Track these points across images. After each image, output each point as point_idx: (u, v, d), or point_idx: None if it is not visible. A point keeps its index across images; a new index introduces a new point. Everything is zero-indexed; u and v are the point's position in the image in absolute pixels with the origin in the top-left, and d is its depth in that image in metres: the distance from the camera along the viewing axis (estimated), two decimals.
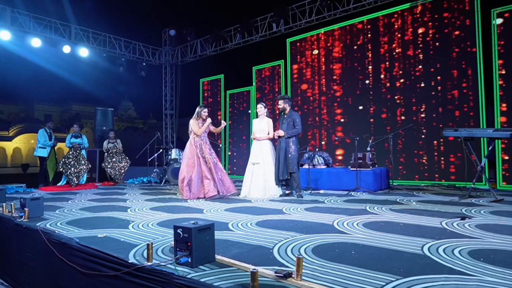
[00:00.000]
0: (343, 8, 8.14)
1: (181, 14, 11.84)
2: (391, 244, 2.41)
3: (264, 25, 9.56)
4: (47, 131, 7.98)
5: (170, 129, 12.30)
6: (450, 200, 4.63)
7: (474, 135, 4.86)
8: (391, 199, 4.83)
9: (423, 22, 7.16)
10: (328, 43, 8.57)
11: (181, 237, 1.97)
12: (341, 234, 2.76)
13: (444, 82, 6.88)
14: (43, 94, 40.07)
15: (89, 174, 8.49)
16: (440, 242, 2.44)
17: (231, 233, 2.85)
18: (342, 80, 8.31)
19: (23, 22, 8.68)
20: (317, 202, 4.69)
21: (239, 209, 4.17)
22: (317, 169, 6.65)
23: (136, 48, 11.29)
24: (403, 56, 7.40)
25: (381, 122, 7.65)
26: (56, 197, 5.66)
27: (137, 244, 2.52)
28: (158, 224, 3.28)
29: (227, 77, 11.03)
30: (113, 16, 10.87)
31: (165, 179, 8.32)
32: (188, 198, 5.20)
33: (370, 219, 3.37)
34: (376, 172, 6.07)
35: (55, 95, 40.86)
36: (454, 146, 6.63)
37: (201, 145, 5.50)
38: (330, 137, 8.40)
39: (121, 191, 6.54)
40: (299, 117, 5.46)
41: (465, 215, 3.49)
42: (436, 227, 2.94)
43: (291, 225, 3.12)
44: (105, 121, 10.09)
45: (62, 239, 2.70)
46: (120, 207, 4.40)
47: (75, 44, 9.72)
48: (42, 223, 3.27)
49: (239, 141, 10.40)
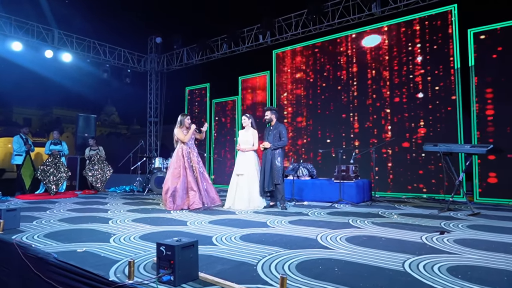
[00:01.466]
0: (328, 23, 8.32)
1: (168, 22, 11.80)
2: (373, 260, 2.45)
3: (250, 36, 9.65)
4: (23, 137, 7.76)
5: (154, 136, 12.16)
6: (429, 213, 4.74)
7: (452, 151, 5.02)
8: (373, 211, 4.91)
9: (405, 40, 7.39)
10: (313, 55, 8.71)
11: (164, 254, 1.94)
12: (325, 249, 2.78)
13: (425, 97, 7.09)
14: (22, 97, 38.92)
15: (69, 182, 8.27)
16: (420, 258, 2.50)
17: (215, 248, 2.82)
18: (327, 92, 8.44)
19: (4, 25, 8.46)
20: (301, 214, 4.72)
21: (223, 221, 4.15)
22: (301, 181, 6.69)
23: (121, 54, 11.18)
24: (386, 70, 7.59)
25: (364, 135, 7.80)
26: (33, 206, 5.48)
27: (118, 259, 2.46)
28: (140, 237, 3.22)
29: (213, 86, 11.04)
30: (98, 22, 10.72)
31: (148, 188, 8.19)
32: (172, 210, 5.14)
33: (352, 233, 3.41)
34: (359, 185, 6.16)
35: (35, 99, 39.77)
36: (434, 160, 6.82)
37: (189, 154, 5.46)
38: (316, 148, 8.49)
39: (102, 201, 6.39)
40: (285, 129, 5.51)
41: (443, 229, 3.58)
42: (416, 242, 3.00)
43: (275, 239, 3.12)
44: (87, 128, 9.88)
45: (39, 253, 2.61)
46: (101, 218, 4.30)
47: (58, 49, 9.53)
48: (18, 236, 3.16)
49: (224, 150, 10.37)
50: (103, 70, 10.75)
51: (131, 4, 10.85)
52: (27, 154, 7.55)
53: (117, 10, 11.09)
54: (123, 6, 11.22)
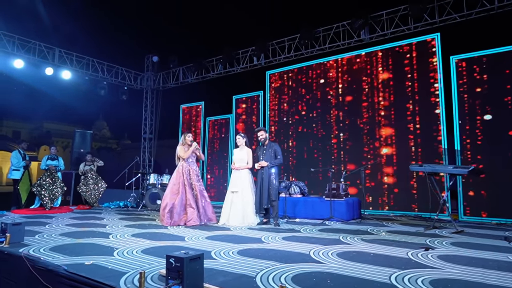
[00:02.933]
0: (319, 47, 8.74)
1: (165, 42, 12.16)
2: (362, 274, 2.66)
3: (245, 58, 10.02)
4: (21, 152, 7.86)
5: (148, 152, 12.28)
6: (416, 230, 4.98)
7: (437, 171, 5.33)
8: (363, 229, 5.13)
9: (391, 64, 7.82)
10: (305, 77, 9.09)
11: (173, 266, 2.13)
12: (317, 263, 2.99)
13: (411, 119, 7.45)
14: (14, 110, 38.52)
15: (64, 197, 8.32)
16: (406, 272, 2.72)
17: (215, 262, 3.00)
18: (318, 112, 8.78)
19: (7, 43, 8.66)
20: (294, 231, 4.91)
21: (220, 237, 4.32)
22: (293, 198, 6.90)
23: (119, 72, 11.41)
24: (374, 93, 7.98)
25: (355, 154, 8.10)
26: (31, 221, 5.55)
27: (125, 271, 2.62)
28: (142, 251, 3.37)
29: (207, 104, 11.32)
30: (97, 41, 11.00)
31: (143, 204, 8.29)
32: (168, 225, 5.27)
33: (343, 249, 3.62)
34: (349, 202, 6.40)
35: (27, 112, 39.39)
36: (420, 179, 7.12)
37: (189, 171, 5.62)
38: (306, 167, 8.74)
39: (98, 216, 6.48)
40: (279, 148, 5.75)
41: (428, 246, 3.82)
42: (402, 258, 3.23)
43: (271, 254, 3.31)
44: (83, 143, 9.99)
45: (49, 266, 2.75)
46: (101, 233, 4.43)
47: (58, 66, 9.73)
48: (25, 249, 3.28)
49: (217, 167, 10.55)
50: (101, 87, 10.94)
51: (130, 24, 11.17)
52: (25, 169, 7.62)
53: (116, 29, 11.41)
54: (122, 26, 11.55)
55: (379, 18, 7.87)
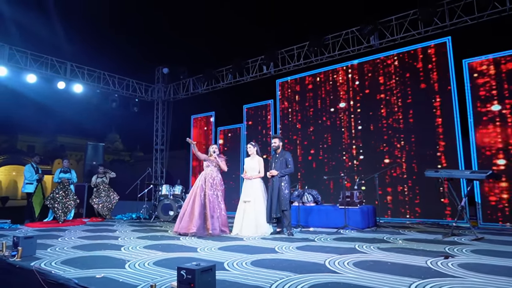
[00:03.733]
0: (328, 54, 8.70)
1: (174, 53, 12.32)
2: (381, 284, 2.55)
3: (254, 67, 10.05)
4: (34, 166, 7.97)
5: (160, 164, 12.34)
6: (434, 238, 4.82)
7: (453, 176, 5.17)
8: (379, 237, 4.99)
9: (403, 70, 7.72)
10: (315, 85, 9.04)
11: (184, 278, 2.07)
12: (333, 273, 2.89)
13: (425, 124, 7.29)
14: (28, 125, 39.53)
15: (77, 209, 8.38)
16: (426, 281, 2.60)
17: (228, 273, 2.93)
18: (329, 120, 8.69)
19: (20, 59, 8.90)
20: (308, 240, 4.81)
21: (233, 247, 4.25)
22: (306, 207, 6.79)
23: (129, 84, 11.57)
24: (386, 99, 7.87)
25: (367, 161, 7.96)
26: (44, 234, 5.58)
27: (136, 284, 2.58)
28: (154, 263, 3.33)
29: (218, 114, 11.35)
30: (108, 54, 11.22)
31: (155, 215, 8.28)
32: (176, 230, 5.38)
33: (359, 258, 3.51)
34: (364, 210, 6.26)
35: (40, 126, 40.37)
36: (437, 185, 6.92)
37: (205, 179, 5.67)
38: (319, 175, 8.62)
39: (111, 228, 6.48)
40: (291, 157, 5.69)
41: (448, 254, 3.67)
42: (421, 266, 3.10)
43: (285, 265, 3.23)
44: (95, 156, 10.10)
45: (60, 279, 2.73)
46: (113, 245, 4.41)
47: (70, 80, 9.92)
48: (36, 263, 3.27)
49: (229, 177, 10.51)
50: (112, 100, 11.10)
51: (141, 37, 11.36)
52: (38, 182, 7.72)
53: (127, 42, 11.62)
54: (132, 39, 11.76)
55: (389, 24, 7.81)
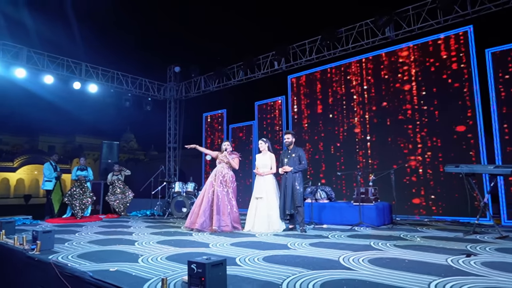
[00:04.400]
0: (342, 48, 8.54)
1: (186, 52, 12.39)
2: (398, 282, 2.46)
3: (266, 63, 9.98)
4: (52, 164, 8.15)
5: (173, 161, 12.43)
6: (454, 236, 4.65)
7: (475, 171, 4.97)
8: (395, 234, 4.86)
9: (421, 62, 7.49)
10: (328, 79, 8.90)
11: (195, 272, 2.04)
12: (347, 270, 2.81)
13: (445, 118, 7.05)
14: (48, 126, 40.75)
15: (93, 206, 8.53)
16: (447, 279, 2.49)
17: (239, 268, 2.89)
18: (342, 115, 8.54)
19: (38, 61, 9.14)
20: (321, 237, 4.72)
21: (245, 243, 4.21)
22: (320, 204, 6.69)
23: (142, 84, 11.69)
24: (403, 92, 7.67)
25: (383, 156, 7.78)
26: (62, 229, 5.70)
27: (149, 278, 2.57)
28: (166, 258, 3.32)
29: (229, 111, 11.34)
30: (122, 54, 11.38)
31: (169, 212, 8.33)
32: (187, 226, 5.48)
33: (375, 255, 3.41)
34: (379, 207, 6.11)
35: (59, 127, 41.54)
36: (456, 181, 6.71)
37: (216, 175, 5.74)
38: (331, 172, 8.50)
39: (125, 224, 6.56)
40: (304, 153, 5.60)
41: (470, 252, 3.52)
42: (441, 264, 2.98)
43: (298, 261, 3.16)
44: (110, 154, 10.24)
45: (76, 272, 2.75)
46: (127, 241, 4.44)
47: (85, 80, 10.11)
48: (54, 256, 3.32)
49: (241, 174, 10.48)
50: (125, 99, 11.25)
51: (152, 37, 11.46)
52: (57, 180, 7.89)
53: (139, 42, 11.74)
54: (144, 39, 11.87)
55: (405, 14, 7.58)
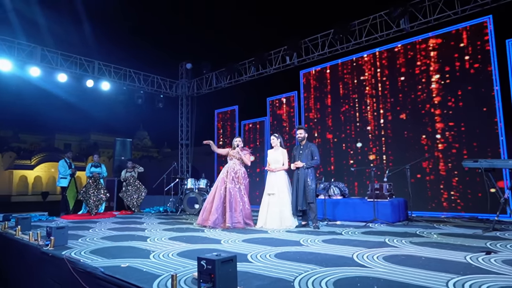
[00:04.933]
0: (355, 41, 8.37)
1: (197, 48, 12.39)
2: (414, 279, 2.37)
3: (277, 58, 9.88)
4: (67, 161, 8.28)
5: (186, 158, 12.48)
6: (473, 233, 4.51)
7: (495, 166, 4.80)
8: (411, 231, 4.74)
9: (438, 54, 7.28)
10: (340, 74, 8.75)
11: (204, 268, 2.00)
12: (362, 267, 2.74)
13: (464, 111, 6.84)
14: (63, 124, 41.64)
15: (107, 203, 8.64)
16: (466, 278, 2.39)
17: (251, 265, 2.85)
18: (355, 110, 8.39)
19: (52, 59, 9.30)
20: (335, 233, 4.65)
21: (257, 240, 4.17)
22: (333, 200, 6.60)
23: (154, 81, 11.76)
24: (419, 86, 7.47)
25: (398, 152, 7.62)
26: (77, 225, 5.78)
27: (159, 274, 2.55)
28: (178, 254, 3.31)
29: (241, 108, 11.29)
30: (133, 51, 11.48)
31: (181, 209, 8.37)
32: (199, 223, 5.50)
33: (390, 252, 3.32)
34: (394, 203, 5.99)
35: (75, 125, 42.41)
36: (475, 177, 6.51)
37: (228, 171, 5.72)
38: (342, 168, 8.37)
39: (139, 220, 6.61)
40: (316, 148, 5.52)
41: (490, 249, 3.40)
42: (460, 262, 2.88)
43: (310, 258, 3.10)
44: (123, 151, 10.35)
45: (87, 268, 2.76)
46: (139, 237, 4.46)
47: (97, 78, 10.24)
48: (67, 252, 3.35)
49: (253, 170, 10.45)
50: (138, 97, 11.33)
51: (164, 34, 11.49)
52: (71, 177, 8.01)
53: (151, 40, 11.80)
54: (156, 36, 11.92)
55: (421, 5, 7.35)
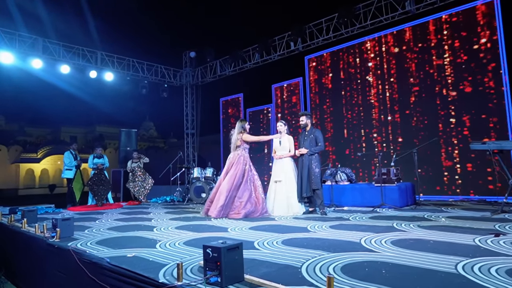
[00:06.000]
0: (360, 25, 8.20)
1: (200, 37, 12.25)
2: (423, 263, 2.34)
3: (282, 44, 9.73)
4: (72, 153, 8.28)
5: (192, 148, 12.49)
6: (481, 215, 4.46)
7: (503, 148, 4.71)
8: (419, 215, 4.70)
9: (444, 35, 7.09)
10: (345, 58, 8.60)
11: (210, 256, 1.99)
12: (370, 252, 2.71)
13: (472, 93, 6.72)
14: (69, 117, 41.98)
15: (114, 194, 8.68)
16: (475, 260, 2.36)
17: (258, 252, 2.84)
18: (362, 95, 8.27)
19: (54, 51, 9.25)
20: (342, 219, 4.62)
21: (264, 227, 4.16)
22: (340, 186, 6.56)
23: (158, 70, 11.69)
24: (426, 68, 7.32)
25: (404, 136, 7.52)
26: (84, 217, 5.82)
27: (165, 263, 2.55)
28: (184, 243, 3.31)
29: (246, 95, 11.23)
30: (136, 41, 11.39)
31: (188, 198, 8.41)
32: (205, 213, 5.35)
33: (398, 236, 3.29)
34: (402, 188, 5.93)
35: (80, 117, 42.72)
36: (483, 159, 6.41)
37: (235, 160, 5.49)
38: (350, 153, 8.31)
39: (145, 211, 6.65)
40: (321, 134, 5.45)
41: (499, 231, 3.35)
42: (469, 245, 2.84)
43: (318, 244, 3.08)
44: (129, 142, 10.37)
45: (93, 259, 2.77)
46: (146, 227, 4.48)
47: (101, 69, 10.20)
48: (73, 243, 3.37)
49: (259, 158, 10.43)
50: (142, 87, 11.30)
51: (166, 23, 11.33)
52: (77, 168, 8.05)
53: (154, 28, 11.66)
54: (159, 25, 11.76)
55: None
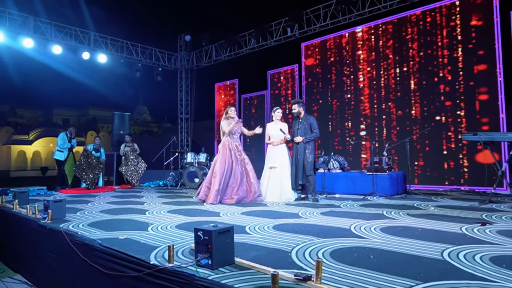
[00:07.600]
0: (358, 12, 8.12)
1: (196, 20, 12.05)
2: (410, 249, 2.39)
3: (278, 30, 9.62)
4: (68, 135, 8.16)
5: (186, 133, 12.45)
6: (469, 205, 4.54)
7: (494, 139, 4.77)
8: (408, 203, 4.78)
9: (441, 25, 7.07)
10: (343, 46, 8.55)
11: (201, 239, 2.01)
12: (359, 238, 2.76)
13: (466, 84, 6.75)
14: (61, 99, 41.41)
15: (106, 177, 8.64)
16: (461, 247, 2.41)
17: (249, 236, 2.88)
18: (358, 83, 8.26)
19: (45, 30, 9.02)
20: (333, 206, 4.68)
21: (256, 212, 4.20)
22: (332, 173, 6.62)
23: (152, 53, 11.51)
24: (421, 58, 7.31)
25: (399, 125, 7.56)
26: (76, 199, 5.81)
27: (157, 246, 2.57)
28: (176, 226, 3.34)
29: (241, 81, 11.14)
30: (130, 23, 11.16)
31: (181, 183, 8.42)
32: (199, 198, 5.30)
33: (387, 224, 3.35)
34: (393, 177, 6.00)
35: (73, 100, 42.16)
36: (473, 150, 6.50)
37: (236, 147, 5.44)
38: (345, 141, 8.35)
39: (138, 194, 6.66)
40: (315, 121, 5.46)
41: (485, 220, 3.43)
42: (455, 233, 2.90)
43: (308, 229, 3.13)
44: (122, 125, 10.29)
45: (85, 240, 2.79)
46: (138, 210, 4.49)
47: (94, 50, 10.00)
48: (64, 225, 3.37)
49: (254, 144, 10.44)
50: (136, 70, 11.15)
51: (161, 5, 11.12)
52: (69, 151, 7.95)
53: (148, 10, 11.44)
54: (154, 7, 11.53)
55: None
